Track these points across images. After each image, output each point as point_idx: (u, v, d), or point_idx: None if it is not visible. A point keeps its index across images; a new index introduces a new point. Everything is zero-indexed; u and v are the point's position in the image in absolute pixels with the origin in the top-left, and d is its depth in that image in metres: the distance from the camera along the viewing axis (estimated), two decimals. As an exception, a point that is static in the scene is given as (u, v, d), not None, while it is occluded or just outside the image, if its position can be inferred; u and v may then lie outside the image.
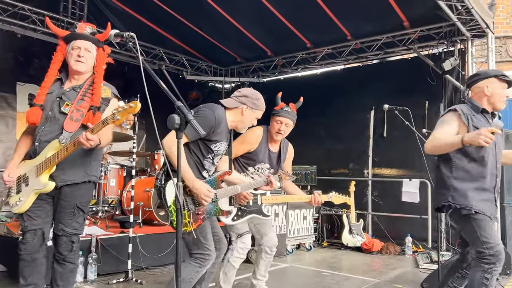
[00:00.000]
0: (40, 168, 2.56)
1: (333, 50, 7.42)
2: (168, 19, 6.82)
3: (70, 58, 2.67)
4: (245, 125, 3.03)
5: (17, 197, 2.65)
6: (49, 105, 2.64)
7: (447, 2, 5.18)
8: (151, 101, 1.93)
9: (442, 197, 3.00)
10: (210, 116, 2.76)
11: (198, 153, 2.83)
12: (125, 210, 5.41)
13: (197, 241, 2.71)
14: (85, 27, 2.74)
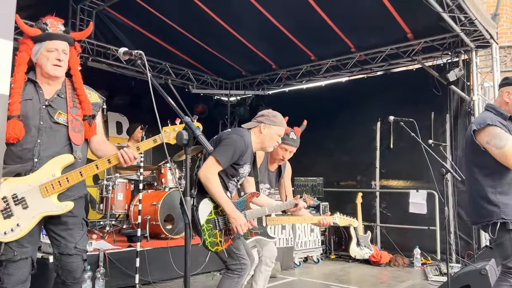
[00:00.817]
0: (50, 187, 2.24)
1: (337, 62, 7.47)
2: (173, 34, 6.92)
3: (46, 61, 2.32)
4: (268, 143, 3.06)
5: (10, 223, 2.18)
6: (35, 114, 2.29)
7: (450, 14, 5.22)
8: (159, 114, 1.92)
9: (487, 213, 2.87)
10: (240, 142, 2.88)
11: (224, 175, 2.94)
12: (132, 224, 5.42)
13: (231, 253, 2.83)
14: (57, 23, 2.38)
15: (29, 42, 2.33)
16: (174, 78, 8.13)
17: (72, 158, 2.32)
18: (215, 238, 2.82)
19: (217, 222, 2.84)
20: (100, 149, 2.49)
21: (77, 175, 2.27)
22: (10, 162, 2.25)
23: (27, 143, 2.26)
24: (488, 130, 2.83)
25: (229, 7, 6.10)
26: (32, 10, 6.00)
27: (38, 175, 2.25)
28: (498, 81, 6.16)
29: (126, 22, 6.65)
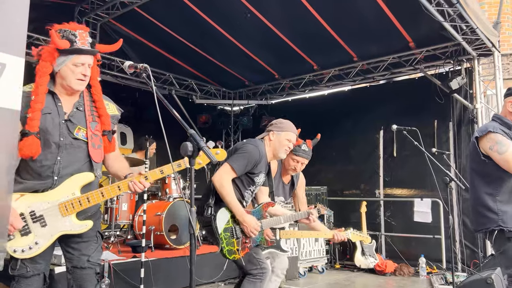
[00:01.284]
0: (70, 207, 2.18)
1: (340, 71, 7.51)
2: (177, 46, 6.99)
3: (70, 74, 2.23)
4: (279, 149, 3.12)
5: (28, 241, 2.13)
6: (55, 129, 2.20)
7: (452, 23, 5.25)
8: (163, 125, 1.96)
9: (486, 220, 2.90)
10: (254, 151, 2.96)
11: (241, 185, 3.02)
12: (136, 234, 5.43)
13: (251, 258, 2.91)
14: (85, 36, 2.28)
15: (54, 53, 2.21)
16: (178, 88, 8.20)
17: (92, 177, 2.27)
18: (232, 247, 2.88)
19: (234, 231, 2.92)
20: (114, 166, 2.44)
21: (98, 196, 2.23)
22: (28, 177, 2.18)
23: (47, 160, 2.17)
24: (490, 136, 2.87)
25: (232, 18, 6.17)
26: (38, 23, 6.10)
27: (57, 192, 2.19)
28: (501, 89, 6.20)
29: (130, 33, 6.73)
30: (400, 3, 5.29)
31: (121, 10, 5.73)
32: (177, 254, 4.95)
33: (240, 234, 2.93)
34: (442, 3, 4.89)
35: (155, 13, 6.13)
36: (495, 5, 9.13)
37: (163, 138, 1.96)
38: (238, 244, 2.89)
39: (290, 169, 3.57)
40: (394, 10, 5.54)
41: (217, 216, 2.90)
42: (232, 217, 2.94)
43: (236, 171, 2.90)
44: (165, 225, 5.11)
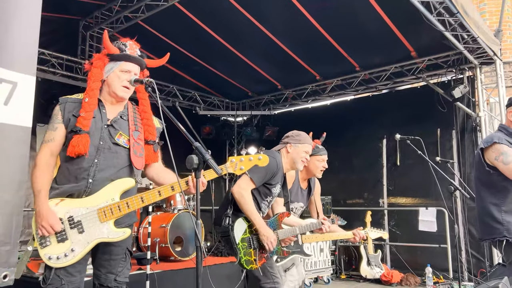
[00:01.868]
0: (109, 212, 2.11)
1: (342, 81, 7.55)
2: (181, 58, 7.05)
3: (117, 80, 2.27)
4: (297, 161, 3.20)
5: (64, 248, 2.05)
6: (96, 133, 2.20)
7: (453, 32, 5.29)
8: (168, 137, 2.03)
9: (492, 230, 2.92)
10: (272, 163, 3.00)
11: (258, 196, 3.07)
12: (141, 246, 5.43)
13: (266, 271, 2.95)
14: (135, 47, 2.37)
15: (105, 59, 2.28)
16: (182, 100, 8.25)
17: (133, 183, 2.22)
18: (250, 257, 2.92)
19: (251, 241, 2.97)
20: (160, 176, 2.40)
21: (138, 201, 2.15)
22: (63, 181, 2.16)
23: (84, 162, 2.15)
24: (495, 147, 2.89)
25: (234, 30, 6.24)
26: (45, 38, 6.21)
27: (97, 198, 2.13)
28: (504, 97, 6.22)
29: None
30: (401, 13, 5.34)
31: (125, 24, 5.81)
32: (183, 266, 4.94)
33: (257, 244, 2.97)
34: (442, 13, 4.94)
35: (159, 26, 6.21)
36: (496, 14, 9.18)
37: (168, 150, 1.98)
38: (255, 254, 2.94)
39: (319, 171, 3.63)
40: (395, 20, 5.59)
41: (234, 226, 2.94)
42: (249, 227, 2.99)
43: (255, 182, 2.96)
44: (170, 237, 5.11)
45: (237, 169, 2.22)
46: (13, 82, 1.16)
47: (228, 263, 5.46)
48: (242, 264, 2.91)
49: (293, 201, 3.60)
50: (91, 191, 2.13)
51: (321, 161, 3.61)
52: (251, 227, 2.98)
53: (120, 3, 5.60)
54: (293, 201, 3.60)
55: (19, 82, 1.17)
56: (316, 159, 3.58)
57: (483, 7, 9.81)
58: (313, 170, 3.63)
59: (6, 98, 1.15)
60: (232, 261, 5.53)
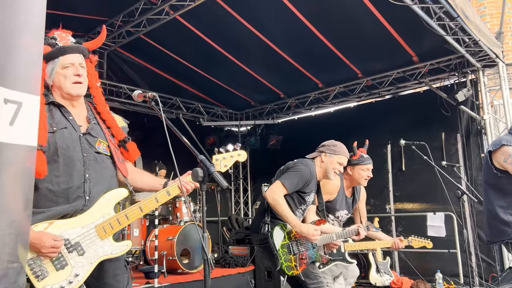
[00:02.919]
0: (108, 227, 1.96)
1: (345, 88, 7.55)
2: (183, 70, 7.10)
3: (64, 80, 1.99)
4: (330, 171, 3.26)
5: (66, 274, 1.86)
6: (75, 145, 1.97)
7: (454, 36, 5.29)
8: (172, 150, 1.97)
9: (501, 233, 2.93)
10: (306, 170, 3.10)
11: (292, 204, 3.13)
12: (149, 260, 5.42)
13: (309, 273, 3.01)
14: (66, 35, 2.07)
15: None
16: (185, 112, 8.28)
17: (127, 193, 2.08)
18: (290, 263, 2.99)
19: (291, 247, 3.04)
20: (138, 180, 2.23)
21: (137, 211, 2.02)
22: (50, 205, 1.89)
23: (73, 180, 1.93)
24: (504, 149, 2.89)
25: (235, 41, 6.27)
26: (47, 55, 6.26)
27: (91, 214, 1.96)
28: (508, 99, 6.20)
29: (137, 60, 6.87)
30: (402, 19, 5.35)
31: (127, 38, 5.87)
32: (190, 278, 4.93)
33: (297, 250, 3.04)
34: (443, 18, 4.94)
35: (160, 39, 6.26)
36: (496, 16, 9.18)
37: (172, 162, 1.97)
38: (295, 260, 3.00)
39: (363, 180, 3.68)
40: (396, 26, 5.61)
41: (273, 233, 3.01)
42: (288, 233, 3.05)
43: (287, 188, 3.01)
44: (177, 249, 5.10)
45: (222, 167, 2.20)
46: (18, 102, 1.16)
47: (235, 274, 5.44)
48: (284, 270, 2.97)
49: (338, 209, 3.68)
50: (87, 209, 1.95)
51: (366, 171, 3.67)
52: (290, 234, 3.05)
53: (121, 18, 5.65)
54: (338, 209, 3.68)
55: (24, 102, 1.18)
56: (360, 168, 3.64)
57: (483, 10, 9.82)
58: (358, 179, 3.68)
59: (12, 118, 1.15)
60: (240, 272, 5.54)
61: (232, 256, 5.84)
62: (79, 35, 6.04)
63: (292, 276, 3.00)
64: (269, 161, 8.18)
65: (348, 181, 3.74)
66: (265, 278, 5.45)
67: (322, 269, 3.44)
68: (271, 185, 3.09)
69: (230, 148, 2.22)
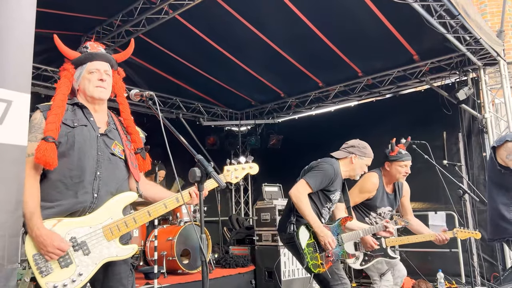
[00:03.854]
0: (115, 229, 1.98)
1: (345, 87, 7.52)
2: (183, 70, 7.08)
3: (88, 84, 2.10)
4: (357, 172, 3.33)
5: (70, 272, 1.87)
6: (92, 143, 2.04)
7: (455, 34, 5.26)
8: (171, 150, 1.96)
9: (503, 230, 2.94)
10: (330, 169, 3.15)
11: (318, 202, 3.19)
12: (149, 260, 5.39)
13: (333, 274, 3.05)
14: (97, 46, 2.21)
15: (70, 68, 2.12)
16: (185, 112, 8.26)
17: (136, 196, 2.10)
18: (316, 261, 3.05)
19: (317, 246, 3.08)
20: (150, 189, 2.28)
21: (145, 215, 2.04)
22: (60, 198, 1.94)
23: (86, 175, 1.98)
24: (507, 145, 2.89)
25: (235, 40, 6.25)
26: (47, 54, 6.24)
27: (99, 215, 1.98)
28: (509, 97, 6.16)
29: (137, 60, 6.84)
30: (402, 17, 5.31)
31: (126, 38, 5.83)
32: (191, 279, 4.90)
33: (323, 248, 3.09)
34: (443, 16, 4.91)
35: (160, 39, 6.24)
36: (497, 14, 9.14)
37: (170, 163, 1.96)
38: (321, 258, 3.05)
39: (401, 176, 3.71)
40: (396, 25, 5.57)
41: (299, 232, 3.07)
42: (313, 233, 3.09)
43: (311, 187, 3.07)
44: (177, 250, 5.08)
45: (232, 178, 2.23)
46: (8, 101, 1.14)
47: (236, 274, 5.41)
48: (310, 268, 3.03)
49: (379, 206, 3.71)
50: (96, 208, 1.98)
51: (404, 167, 3.69)
52: (315, 233, 3.09)
53: (120, 18, 5.62)
54: (379, 206, 3.71)
55: (14, 100, 1.15)
56: (398, 165, 3.68)
57: (484, 8, 9.78)
58: (395, 175, 3.71)
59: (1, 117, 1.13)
60: (240, 272, 5.51)
61: (232, 257, 5.81)
62: (78, 35, 6.03)
63: (319, 274, 3.06)
64: (270, 160, 8.15)
65: (387, 177, 3.77)
66: (266, 279, 5.43)
67: (365, 266, 3.53)
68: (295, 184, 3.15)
69: (243, 160, 2.26)
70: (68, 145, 1.97)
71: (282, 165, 8.22)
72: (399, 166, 3.68)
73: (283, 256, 5.33)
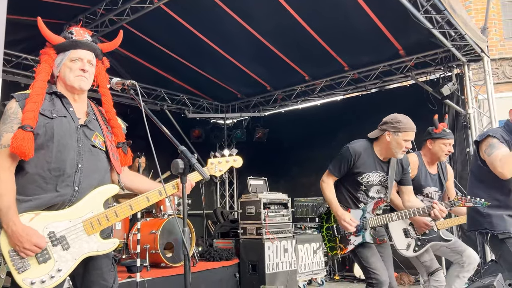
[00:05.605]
0: (96, 223, 1.92)
1: (331, 81, 7.52)
2: (168, 61, 6.97)
3: (69, 72, 2.01)
4: (396, 150, 3.03)
5: (48, 268, 1.81)
6: (72, 134, 1.96)
7: (440, 30, 5.29)
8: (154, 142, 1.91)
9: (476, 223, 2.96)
10: (345, 152, 3.08)
11: (350, 187, 3.14)
12: (131, 253, 5.32)
13: (363, 267, 3.00)
14: (83, 33, 2.09)
15: (51, 52, 2.03)
16: (170, 103, 8.16)
17: (117, 189, 2.05)
18: (334, 243, 3.10)
19: (335, 229, 3.14)
20: (135, 181, 2.24)
21: (127, 209, 1.99)
22: (38, 192, 1.86)
23: (66, 168, 1.90)
24: (487, 140, 2.90)
25: (222, 31, 6.17)
26: (28, 43, 6.08)
27: (79, 208, 1.92)
28: (492, 93, 6.24)
29: (120, 50, 6.71)
30: (389, 12, 5.32)
31: (110, 27, 5.70)
32: (174, 272, 4.85)
33: (342, 232, 3.09)
34: (430, 11, 4.93)
35: (145, 29, 6.12)
36: (481, 11, 9.27)
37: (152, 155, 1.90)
38: (341, 241, 3.07)
39: (443, 155, 3.55)
40: (383, 19, 5.57)
41: (323, 216, 3.22)
42: (334, 216, 3.11)
43: (332, 173, 3.13)
44: (160, 243, 5.02)
45: (216, 171, 2.19)
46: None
47: (220, 267, 5.39)
48: (327, 250, 3.15)
49: (424, 185, 3.57)
50: (76, 201, 1.91)
51: (447, 145, 3.55)
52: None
53: (104, 6, 5.49)
54: (424, 185, 3.57)
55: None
56: (442, 143, 3.54)
57: (469, 5, 9.89)
58: (437, 153, 3.56)
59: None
60: (224, 265, 5.49)
61: (216, 250, 5.78)
62: (60, 23, 5.87)
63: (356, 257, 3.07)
64: (255, 154, 8.13)
65: (428, 156, 3.62)
66: (250, 272, 5.42)
67: (419, 252, 3.43)
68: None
69: (226, 153, 2.22)
70: (47, 136, 1.89)
71: (267, 158, 8.21)
72: (442, 144, 3.53)
73: (267, 249, 5.32)
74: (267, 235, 5.39)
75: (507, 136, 2.90)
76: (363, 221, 3.06)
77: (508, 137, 2.89)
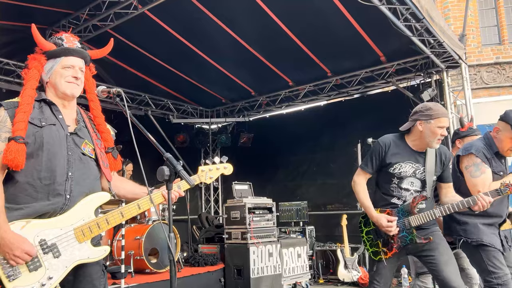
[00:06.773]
0: (87, 231, 1.93)
1: (314, 87, 7.63)
2: (152, 66, 6.97)
3: (60, 79, 2.02)
4: (430, 139, 2.83)
5: (39, 276, 1.81)
6: (62, 142, 1.97)
7: (420, 37, 5.43)
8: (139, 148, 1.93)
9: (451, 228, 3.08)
10: (376, 145, 3.00)
11: (383, 182, 2.99)
12: (116, 260, 5.29)
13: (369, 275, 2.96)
14: (73, 39, 2.12)
15: (41, 58, 2.03)
16: (154, 109, 8.13)
17: (108, 197, 2.06)
18: (377, 248, 2.91)
19: (376, 232, 2.94)
20: (121, 188, 2.23)
21: (118, 216, 1.99)
22: (29, 200, 1.86)
23: (56, 176, 1.91)
24: (470, 157, 3.01)
25: (206, 37, 6.21)
26: (10, 48, 6.01)
27: (71, 216, 1.92)
28: (470, 99, 6.42)
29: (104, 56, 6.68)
30: (370, 19, 5.44)
31: (93, 32, 5.69)
32: (159, 278, 4.84)
33: (383, 234, 2.88)
34: (409, 19, 5.06)
35: (129, 34, 6.12)
36: (460, 19, 9.50)
37: (137, 162, 1.92)
38: (384, 245, 2.89)
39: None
40: (364, 26, 5.70)
41: (362, 221, 3.04)
42: None
43: (364, 169, 3.00)
44: (145, 249, 5.00)
45: (207, 178, 2.22)
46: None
47: (205, 273, 5.40)
48: (370, 256, 2.95)
49: None
50: (67, 209, 1.92)
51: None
52: None
53: (88, 12, 5.47)
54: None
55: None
56: (471, 140, 3.46)
57: (447, 13, 10.14)
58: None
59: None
60: (209, 270, 5.49)
61: (201, 255, 5.79)
62: (42, 27, 5.82)
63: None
64: (240, 159, 8.13)
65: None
66: (235, 276, 5.44)
67: None
68: None
69: (217, 160, 2.25)
70: (36, 145, 1.90)
71: (252, 163, 8.25)
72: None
73: (252, 254, 5.35)
74: (252, 240, 5.42)
75: (488, 153, 3.00)
76: (404, 221, 2.83)
77: (489, 155, 3.00)
